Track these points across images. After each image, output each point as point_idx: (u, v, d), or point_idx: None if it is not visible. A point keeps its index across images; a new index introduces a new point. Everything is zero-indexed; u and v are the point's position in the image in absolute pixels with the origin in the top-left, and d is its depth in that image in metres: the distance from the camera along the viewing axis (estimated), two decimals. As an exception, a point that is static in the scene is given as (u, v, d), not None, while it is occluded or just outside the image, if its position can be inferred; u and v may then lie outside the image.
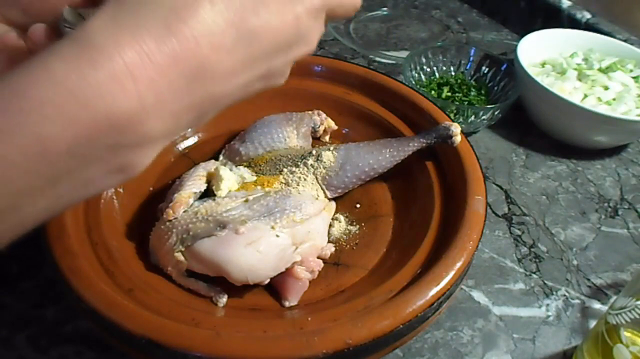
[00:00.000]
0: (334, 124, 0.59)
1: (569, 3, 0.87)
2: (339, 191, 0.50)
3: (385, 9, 0.98)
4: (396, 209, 0.53)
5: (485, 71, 0.74)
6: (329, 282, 0.46)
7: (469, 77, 0.74)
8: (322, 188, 0.49)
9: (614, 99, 0.67)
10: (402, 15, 0.97)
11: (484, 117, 0.66)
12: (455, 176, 0.50)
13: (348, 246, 0.49)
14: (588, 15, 0.84)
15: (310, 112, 0.57)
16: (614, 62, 0.72)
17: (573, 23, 0.84)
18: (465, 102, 0.69)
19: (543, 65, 0.74)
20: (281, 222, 0.43)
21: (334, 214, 0.51)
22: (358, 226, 0.51)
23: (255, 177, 0.48)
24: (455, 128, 0.51)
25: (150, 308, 0.38)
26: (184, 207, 0.44)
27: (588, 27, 0.83)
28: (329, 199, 0.50)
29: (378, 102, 0.60)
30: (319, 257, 0.46)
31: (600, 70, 0.72)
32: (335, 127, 0.59)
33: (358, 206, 0.53)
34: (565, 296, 0.52)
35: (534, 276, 0.53)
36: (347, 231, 0.50)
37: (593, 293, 0.52)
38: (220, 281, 0.42)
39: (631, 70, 0.72)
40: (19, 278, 0.48)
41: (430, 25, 0.96)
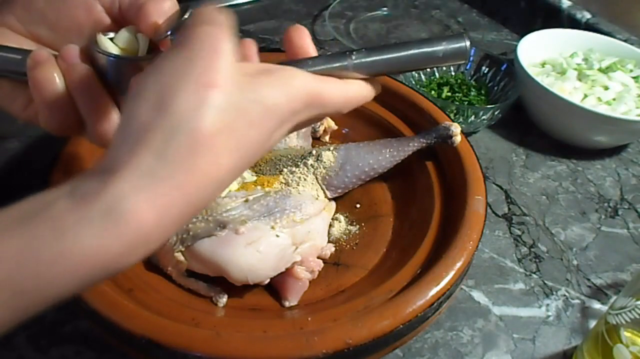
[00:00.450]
0: (334, 124, 0.59)
1: (569, 3, 0.87)
2: (339, 191, 0.50)
3: (385, 9, 0.98)
4: (396, 209, 0.53)
5: (485, 71, 0.73)
6: (329, 282, 0.46)
7: (469, 77, 0.74)
8: (322, 188, 0.49)
9: (614, 99, 0.67)
10: (402, 15, 0.97)
11: (484, 117, 0.66)
12: (455, 176, 0.50)
13: (348, 246, 0.49)
14: (588, 15, 0.84)
15: (310, 112, 0.57)
16: (614, 62, 0.72)
17: (573, 23, 0.84)
18: (465, 102, 0.69)
19: (543, 65, 0.74)
20: (281, 222, 0.43)
21: (334, 214, 0.51)
22: (358, 226, 0.51)
23: (255, 177, 0.48)
24: (455, 128, 0.51)
25: (150, 308, 0.38)
26: (184, 207, 0.44)
27: (588, 27, 0.83)
28: (329, 199, 0.50)
29: (378, 102, 0.59)
30: (319, 257, 0.46)
31: (600, 70, 0.72)
32: (335, 127, 0.59)
33: (358, 206, 0.53)
34: (565, 296, 0.52)
35: (534, 276, 0.53)
36: (347, 231, 0.50)
37: (593, 293, 0.52)
38: (220, 281, 0.42)
39: (631, 70, 0.72)
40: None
41: (430, 25, 0.96)
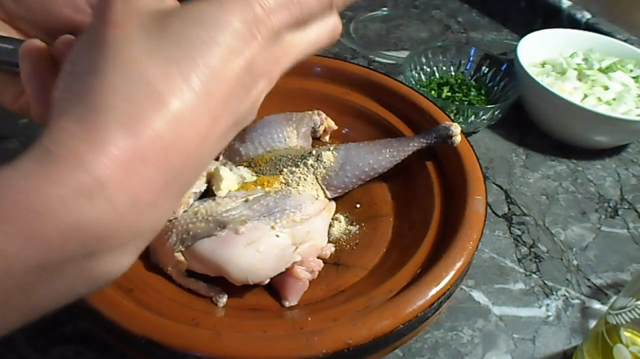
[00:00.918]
0: (334, 124, 0.59)
1: (569, 3, 0.87)
2: (339, 191, 0.50)
3: (385, 9, 0.98)
4: (396, 209, 0.53)
5: (485, 71, 0.73)
6: (329, 282, 0.46)
7: (469, 77, 0.74)
8: (322, 188, 0.49)
9: (614, 99, 0.67)
10: (402, 15, 0.97)
11: (484, 117, 0.66)
12: (455, 176, 0.50)
13: (348, 246, 0.49)
14: (588, 15, 0.84)
15: (310, 112, 0.57)
16: (614, 62, 0.72)
17: (573, 23, 0.84)
18: (465, 102, 0.69)
19: (543, 65, 0.74)
20: (281, 222, 0.43)
21: (334, 214, 0.51)
22: (358, 226, 0.51)
23: (255, 177, 0.48)
24: (455, 128, 0.51)
25: (150, 308, 0.38)
26: (184, 207, 0.44)
27: (588, 27, 0.83)
28: (329, 199, 0.50)
29: (378, 102, 0.59)
30: (319, 257, 0.46)
31: (600, 70, 0.72)
32: (335, 127, 0.59)
33: (358, 206, 0.53)
34: (565, 296, 0.52)
35: (534, 276, 0.53)
36: (347, 231, 0.50)
37: (593, 293, 0.52)
38: (220, 281, 0.42)
39: (631, 70, 0.72)
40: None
41: (430, 25, 0.96)
